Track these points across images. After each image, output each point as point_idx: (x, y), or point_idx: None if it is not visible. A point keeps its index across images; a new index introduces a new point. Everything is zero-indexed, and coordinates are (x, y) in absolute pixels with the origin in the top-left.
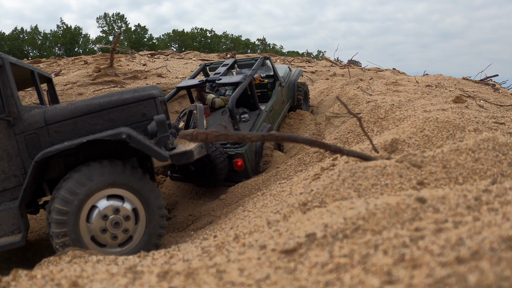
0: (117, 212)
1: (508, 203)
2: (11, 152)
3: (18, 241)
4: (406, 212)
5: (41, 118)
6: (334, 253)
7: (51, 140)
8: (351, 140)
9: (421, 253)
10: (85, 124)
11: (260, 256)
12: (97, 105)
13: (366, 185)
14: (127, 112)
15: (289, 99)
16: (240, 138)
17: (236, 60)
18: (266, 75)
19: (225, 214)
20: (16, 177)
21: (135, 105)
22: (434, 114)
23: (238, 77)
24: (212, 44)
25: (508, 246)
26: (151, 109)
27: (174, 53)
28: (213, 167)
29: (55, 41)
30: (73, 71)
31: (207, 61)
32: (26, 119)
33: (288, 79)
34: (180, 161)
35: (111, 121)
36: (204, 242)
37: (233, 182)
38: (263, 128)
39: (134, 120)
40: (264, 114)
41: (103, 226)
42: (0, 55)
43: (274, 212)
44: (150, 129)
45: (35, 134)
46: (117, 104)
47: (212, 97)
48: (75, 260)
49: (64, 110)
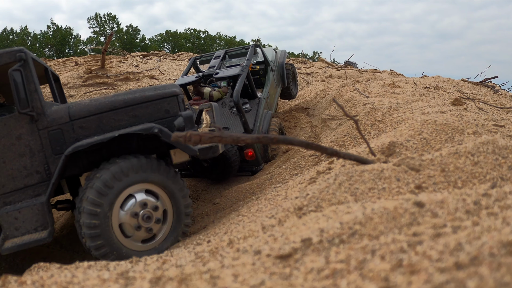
0: (152, 208)
1: (508, 208)
2: (33, 148)
3: (44, 237)
4: (404, 217)
5: (66, 114)
6: (330, 258)
7: (76, 136)
8: (348, 143)
9: (419, 258)
10: (110, 120)
11: (255, 262)
12: (122, 101)
13: (363, 189)
14: (151, 108)
15: (280, 82)
16: (235, 140)
17: (226, 50)
18: (257, 62)
19: (219, 219)
20: (38, 173)
21: (159, 102)
22: (432, 116)
23: (236, 70)
24: (205, 45)
25: (508, 252)
26: (174, 106)
27: (166, 54)
28: (227, 160)
29: (45, 42)
30: (63, 72)
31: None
32: (50, 115)
33: (276, 61)
34: (206, 155)
35: (135, 117)
36: (198, 247)
37: (245, 172)
38: (266, 116)
39: (157, 116)
40: (263, 101)
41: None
42: (23, 50)
43: (269, 216)
44: (177, 124)
45: (59, 130)
46: (142, 100)
47: (209, 90)
48: (65, 266)
49: (89, 106)
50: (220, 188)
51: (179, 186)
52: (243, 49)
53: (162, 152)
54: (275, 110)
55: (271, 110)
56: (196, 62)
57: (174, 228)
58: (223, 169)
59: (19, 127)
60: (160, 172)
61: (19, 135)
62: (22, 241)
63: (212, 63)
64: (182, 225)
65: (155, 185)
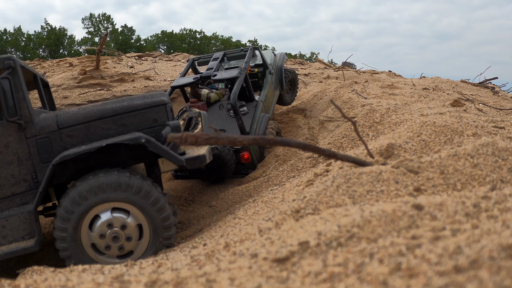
0: (119, 227)
1: (508, 210)
2: (21, 156)
3: (31, 246)
4: (403, 220)
5: (54, 122)
6: (328, 262)
7: (64, 144)
8: (346, 145)
9: (418, 262)
10: (98, 129)
11: (252, 265)
12: (110, 110)
13: (361, 192)
14: (139, 117)
15: (278, 86)
16: (231, 141)
17: (225, 52)
18: (255, 64)
19: (215, 222)
20: (26, 181)
21: (147, 111)
22: (431, 118)
23: (234, 72)
24: (201, 45)
25: (508, 255)
26: (162, 115)
27: (162, 55)
28: (223, 162)
29: (39, 42)
30: (58, 73)
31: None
32: (38, 123)
33: (275, 65)
34: (193, 165)
35: (123, 126)
36: (194, 250)
37: (241, 174)
38: (263, 119)
39: (145, 125)
40: (260, 104)
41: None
42: (12, 58)
43: (266, 219)
44: (165, 134)
45: (47, 138)
46: (130, 109)
47: (207, 92)
48: (59, 269)
49: (77, 114)
50: (216, 190)
51: (151, 199)
52: (241, 51)
53: (151, 161)
54: (272, 113)
55: (269, 113)
56: (194, 63)
57: (153, 242)
58: (219, 172)
59: (7, 135)
60: (122, 189)
61: (7, 143)
62: (9, 249)
63: (210, 64)
64: (160, 239)
65: (121, 202)
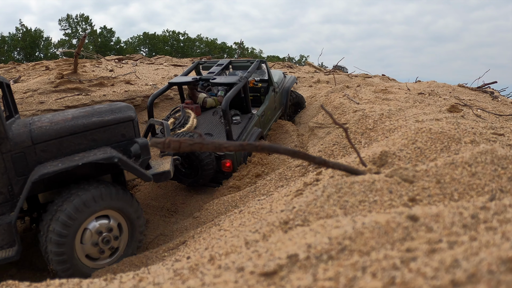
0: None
1: (507, 222)
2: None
3: (11, 256)
4: (397, 231)
5: (28, 138)
6: (318, 276)
7: (38, 159)
8: (337, 152)
9: (413, 276)
10: (70, 144)
11: (238, 279)
12: (81, 125)
13: (353, 202)
14: (108, 133)
15: (281, 106)
16: (216, 147)
17: (231, 60)
18: (260, 79)
19: (199, 234)
20: (2, 194)
21: (116, 127)
22: (427, 124)
23: (233, 78)
24: (185, 48)
25: (508, 268)
26: (129, 130)
27: (143, 58)
28: (200, 165)
29: (14, 44)
30: (33, 77)
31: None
32: (13, 138)
33: (282, 85)
34: (159, 180)
35: (94, 141)
36: (177, 263)
37: (218, 184)
38: (254, 132)
39: (114, 140)
40: (255, 118)
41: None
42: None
43: (253, 231)
44: (134, 151)
45: (22, 153)
46: (100, 125)
47: (204, 96)
48: (35, 284)
49: (50, 130)
50: (199, 201)
51: (124, 200)
52: (248, 62)
53: (117, 171)
54: (267, 131)
55: (264, 131)
56: (199, 66)
57: (132, 233)
58: (194, 175)
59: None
60: (103, 199)
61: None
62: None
63: (213, 69)
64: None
65: (102, 210)
